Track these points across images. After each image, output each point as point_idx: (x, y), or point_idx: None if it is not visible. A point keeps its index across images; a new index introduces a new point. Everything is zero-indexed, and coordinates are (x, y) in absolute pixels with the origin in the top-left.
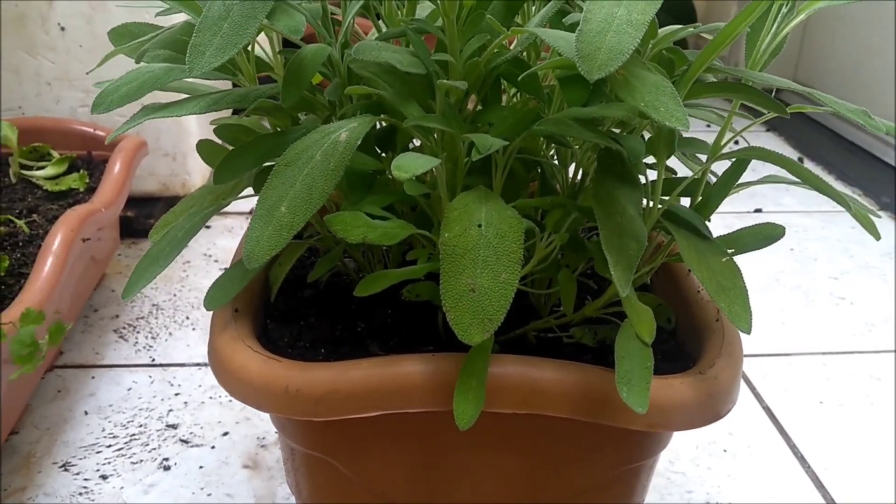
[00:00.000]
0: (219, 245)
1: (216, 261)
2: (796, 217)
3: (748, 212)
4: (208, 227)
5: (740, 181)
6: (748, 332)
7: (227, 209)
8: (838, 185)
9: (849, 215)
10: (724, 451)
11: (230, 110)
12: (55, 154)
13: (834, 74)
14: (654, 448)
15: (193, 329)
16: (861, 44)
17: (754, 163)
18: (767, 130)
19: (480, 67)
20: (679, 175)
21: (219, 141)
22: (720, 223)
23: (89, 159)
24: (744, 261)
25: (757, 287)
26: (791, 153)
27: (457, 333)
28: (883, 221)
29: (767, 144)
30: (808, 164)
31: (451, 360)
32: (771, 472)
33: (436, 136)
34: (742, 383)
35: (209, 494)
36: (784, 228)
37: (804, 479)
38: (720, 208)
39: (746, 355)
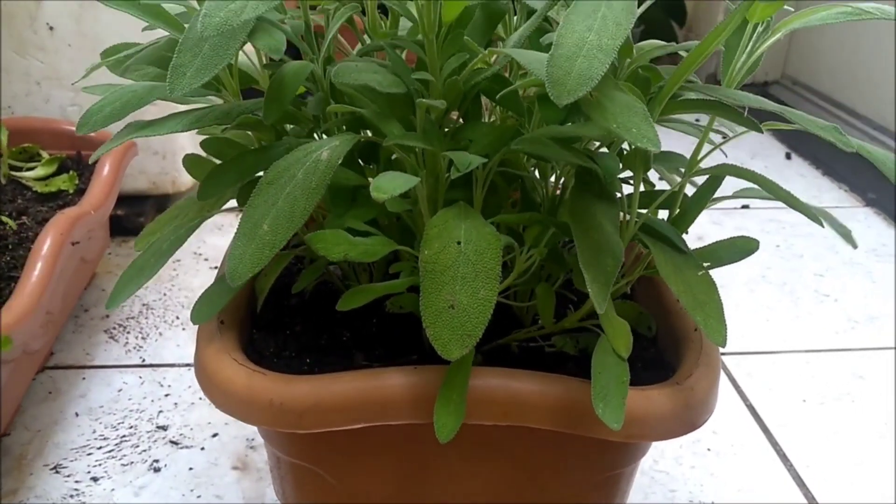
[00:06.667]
0: (209, 243)
1: (206, 259)
2: (783, 213)
3: (735, 208)
4: None
5: (717, 195)
6: (723, 345)
7: None
8: (825, 181)
9: (835, 213)
10: (708, 449)
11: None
12: (45, 154)
13: (824, 68)
14: (633, 456)
15: (183, 329)
16: (852, 37)
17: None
18: None
19: (459, 85)
20: (658, 189)
21: (204, 154)
22: (707, 218)
23: (79, 159)
24: None
25: (743, 284)
26: (779, 148)
27: (436, 349)
28: (868, 217)
29: (755, 140)
30: (796, 159)
31: (432, 373)
32: (753, 470)
33: (417, 153)
34: (726, 381)
35: (199, 496)
36: (758, 242)
37: (786, 478)
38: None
39: (731, 353)
